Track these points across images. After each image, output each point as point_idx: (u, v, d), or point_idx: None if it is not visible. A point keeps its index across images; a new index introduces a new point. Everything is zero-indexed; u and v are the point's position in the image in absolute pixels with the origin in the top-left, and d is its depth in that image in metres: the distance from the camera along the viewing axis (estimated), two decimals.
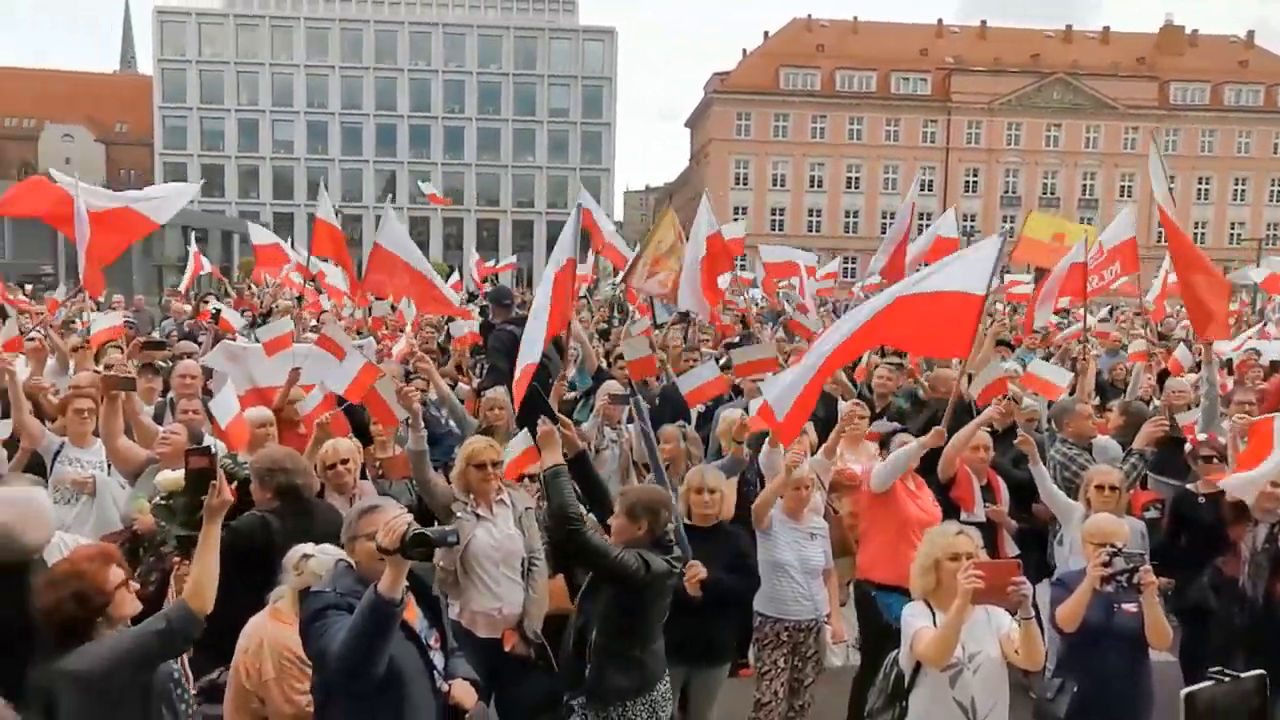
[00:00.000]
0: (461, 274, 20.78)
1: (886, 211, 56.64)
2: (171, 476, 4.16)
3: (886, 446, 5.53)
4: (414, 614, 3.23)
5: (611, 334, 12.15)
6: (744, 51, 66.97)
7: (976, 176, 64.59)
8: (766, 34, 66.86)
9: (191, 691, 3.33)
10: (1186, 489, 5.65)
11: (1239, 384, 8.49)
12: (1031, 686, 4.69)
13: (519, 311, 8.94)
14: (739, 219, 34.68)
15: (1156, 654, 4.14)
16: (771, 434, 5.60)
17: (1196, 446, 5.77)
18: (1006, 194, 63.83)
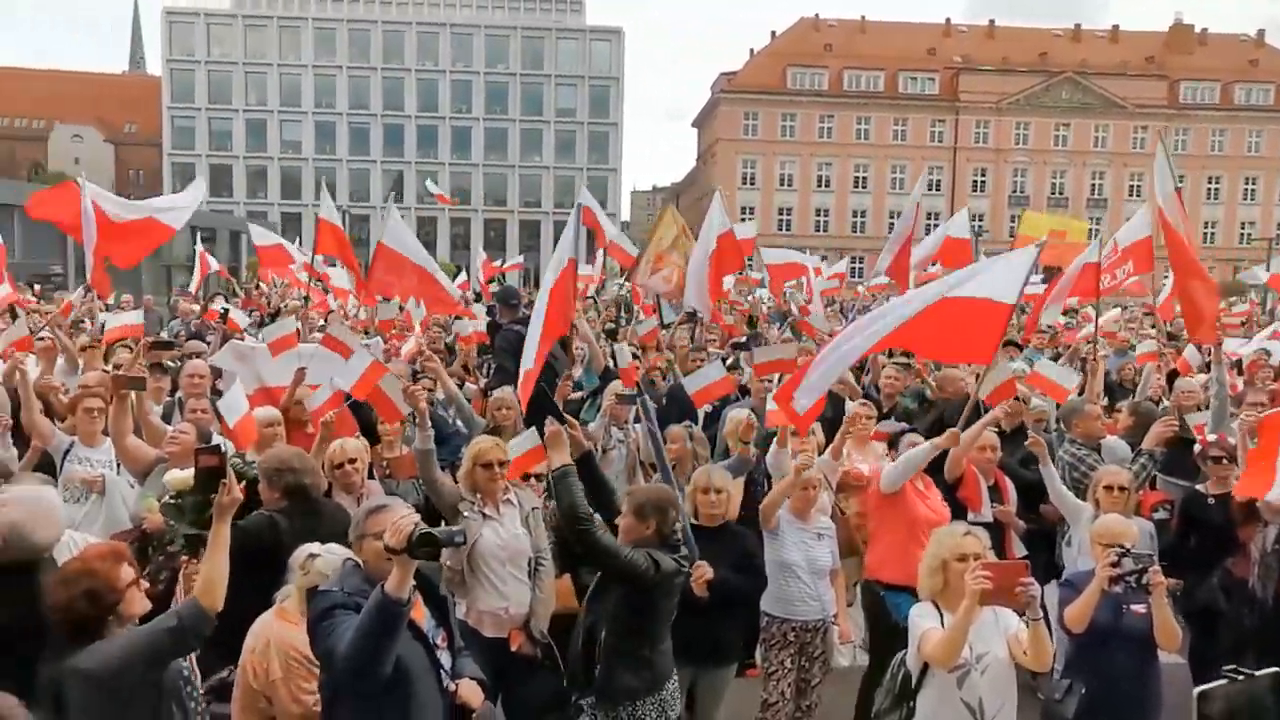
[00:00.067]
0: (469, 274, 20.81)
1: (894, 211, 56.45)
2: (180, 475, 4.18)
3: (895, 447, 5.52)
4: (421, 613, 3.24)
5: (619, 333, 12.15)
6: (751, 51, 66.90)
7: (984, 176, 64.40)
8: (774, 34, 66.76)
9: (200, 690, 3.35)
10: (1196, 490, 5.63)
11: (1249, 384, 8.44)
12: (1039, 687, 4.69)
13: (525, 311, 8.93)
14: (746, 219, 34.61)
15: (1165, 655, 4.12)
16: (779, 434, 5.61)
17: (1206, 447, 5.74)
18: (1014, 193, 63.57)
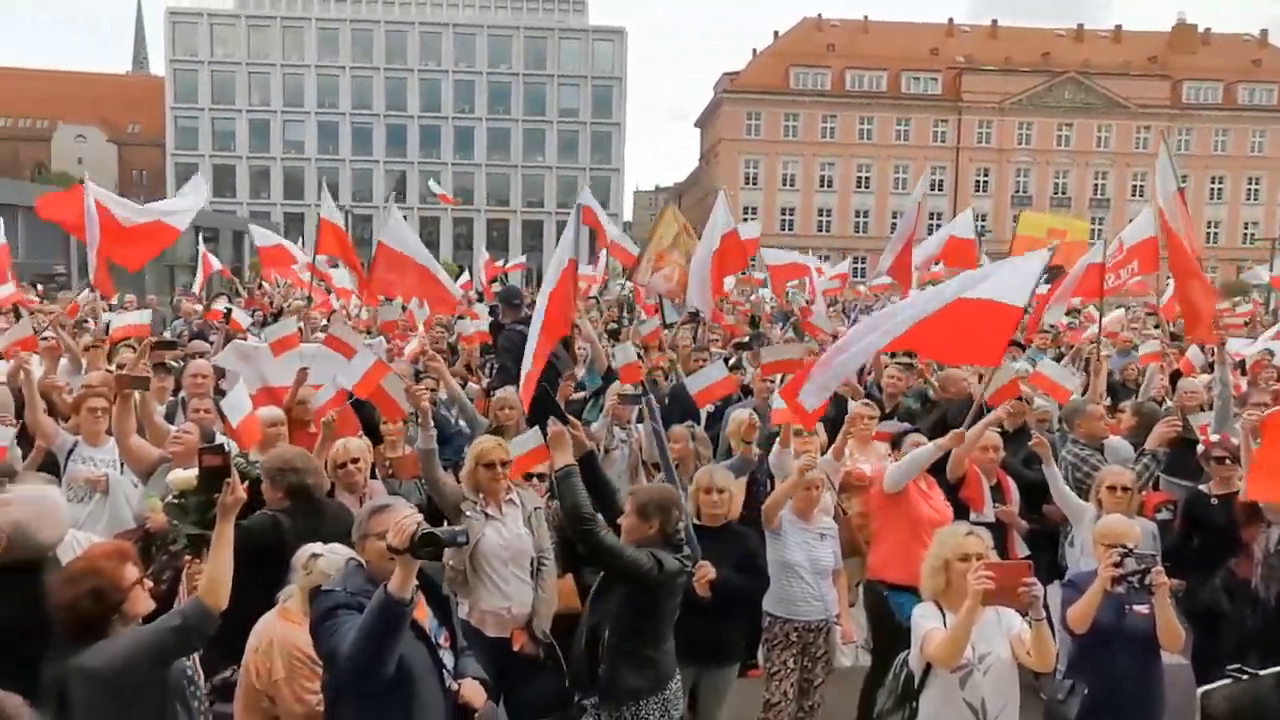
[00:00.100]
0: (471, 274, 20.81)
1: (896, 211, 56.31)
2: (183, 475, 4.19)
3: (898, 447, 5.52)
4: (424, 613, 3.24)
5: (621, 333, 12.15)
6: (754, 51, 66.88)
7: (987, 176, 64.34)
8: (776, 34, 66.76)
9: (203, 690, 3.35)
10: (1199, 490, 5.62)
11: (1253, 385, 8.43)
12: (1042, 688, 4.68)
13: (528, 311, 8.93)
14: (749, 219, 34.59)
15: (1168, 656, 4.11)
16: (782, 433, 5.61)
17: (1209, 447, 5.73)
18: (1017, 194, 63.47)
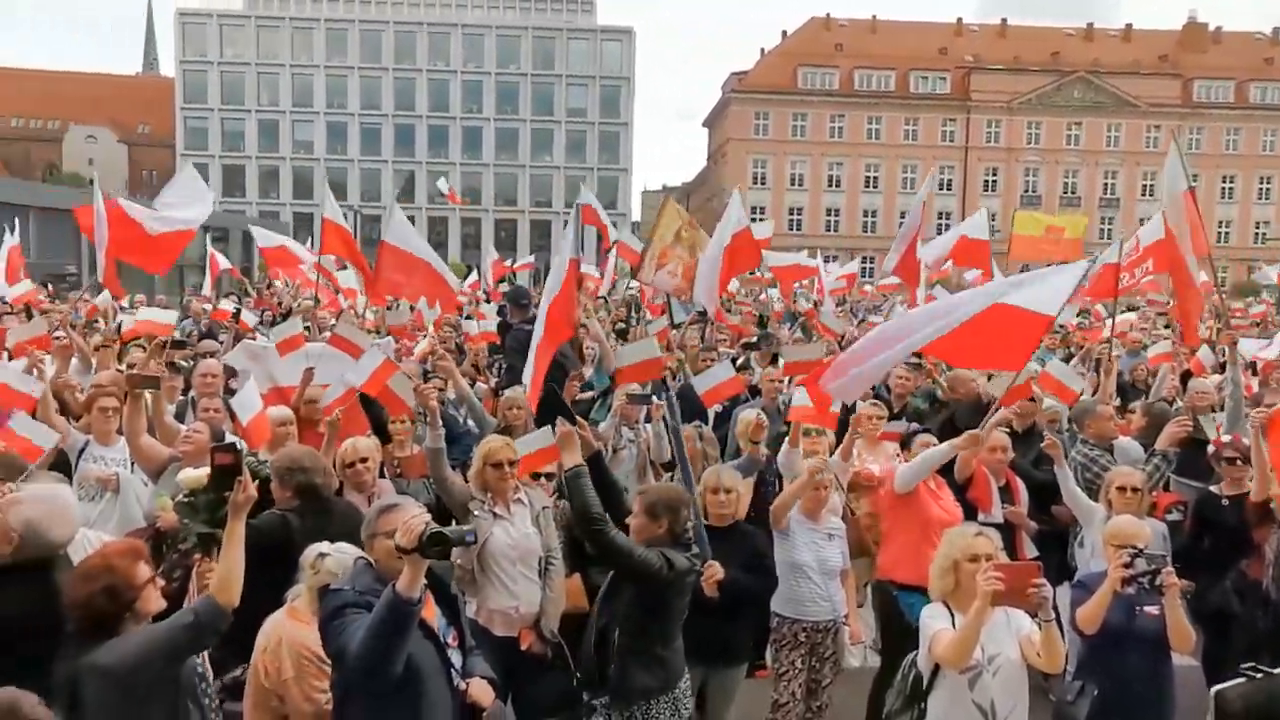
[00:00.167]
0: (479, 274, 20.85)
1: (905, 211, 55.80)
2: (194, 474, 4.20)
3: (908, 447, 5.51)
4: (432, 612, 3.24)
5: (629, 333, 12.15)
6: (762, 51, 66.85)
7: (996, 176, 64.11)
8: (785, 33, 66.65)
9: (214, 688, 3.37)
10: (1209, 491, 5.59)
11: (1264, 385, 8.39)
12: (1051, 689, 4.67)
13: (535, 311, 8.94)
14: (757, 219, 34.48)
15: (1178, 658, 4.10)
16: (791, 433, 5.60)
17: (1220, 448, 5.70)
18: (1026, 193, 63.20)
